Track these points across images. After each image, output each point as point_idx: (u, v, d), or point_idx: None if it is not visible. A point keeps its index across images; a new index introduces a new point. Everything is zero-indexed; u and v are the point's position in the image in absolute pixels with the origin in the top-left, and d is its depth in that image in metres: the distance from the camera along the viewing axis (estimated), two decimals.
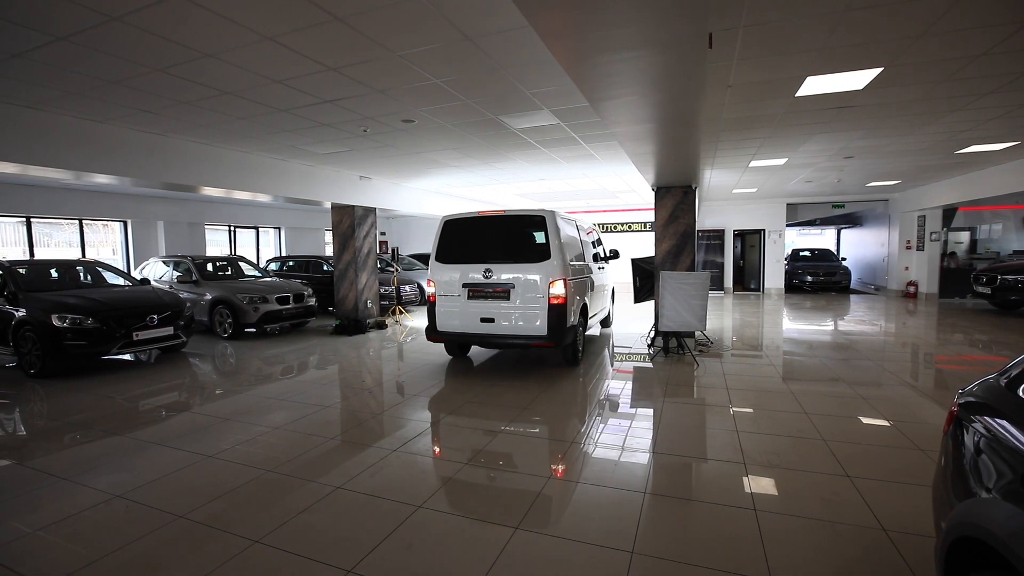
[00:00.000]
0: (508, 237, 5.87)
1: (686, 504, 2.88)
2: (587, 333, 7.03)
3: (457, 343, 6.57)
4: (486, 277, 5.70)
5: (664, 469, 3.35)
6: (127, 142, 7.04)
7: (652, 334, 7.68)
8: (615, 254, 8.56)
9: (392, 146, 8.01)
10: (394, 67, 4.73)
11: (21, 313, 6.10)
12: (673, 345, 7.15)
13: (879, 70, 4.61)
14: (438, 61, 4.60)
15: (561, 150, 8.52)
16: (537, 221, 5.73)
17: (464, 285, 5.84)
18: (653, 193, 8.10)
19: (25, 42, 4.17)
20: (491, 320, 5.68)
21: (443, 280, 5.99)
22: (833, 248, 21.33)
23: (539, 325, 5.48)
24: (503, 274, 5.65)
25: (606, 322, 9.01)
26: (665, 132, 4.89)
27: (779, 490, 3.01)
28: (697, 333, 7.62)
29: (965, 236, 15.49)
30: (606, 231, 18.88)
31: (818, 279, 16.49)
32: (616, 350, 7.37)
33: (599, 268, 7.60)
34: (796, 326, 9.80)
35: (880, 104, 5.73)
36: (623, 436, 3.94)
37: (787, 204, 16.06)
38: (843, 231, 21.77)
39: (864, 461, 3.38)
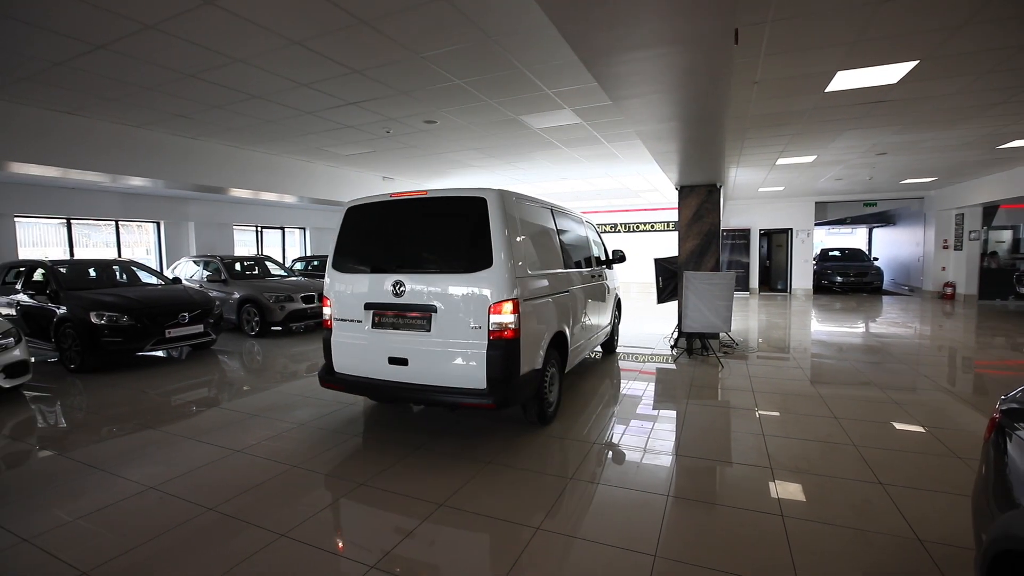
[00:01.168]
0: (432, 233, 3.91)
1: (710, 508, 2.83)
2: (582, 359, 5.35)
3: (360, 393, 4.13)
4: (397, 294, 3.75)
5: (687, 472, 3.29)
6: (161, 146, 7.27)
7: (675, 335, 7.58)
8: (620, 256, 6.53)
9: (415, 147, 8.09)
10: (417, 68, 4.78)
11: (62, 311, 6.37)
12: (697, 346, 7.04)
13: (915, 63, 4.45)
14: (461, 62, 4.62)
15: (583, 149, 8.48)
16: (476, 206, 3.62)
17: (367, 306, 3.89)
18: (677, 192, 7.99)
19: (66, 51, 4.34)
20: (403, 362, 3.71)
21: (341, 297, 4.04)
22: (864, 248, 20.70)
23: (474, 373, 3.49)
24: (420, 289, 3.69)
25: (609, 345, 6.85)
26: (689, 130, 4.82)
27: (807, 496, 2.93)
28: (722, 334, 7.49)
29: (1007, 235, 14.84)
30: (628, 231, 18.71)
31: (848, 279, 16.01)
32: (638, 351, 7.28)
33: (594, 276, 5.62)
34: (825, 328, 9.53)
35: (916, 98, 5.54)
36: (645, 439, 3.90)
37: (816, 202, 15.66)
38: (875, 230, 21.10)
39: (898, 468, 3.27)
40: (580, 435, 3.96)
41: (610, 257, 6.48)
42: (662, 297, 7.92)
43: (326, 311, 4.14)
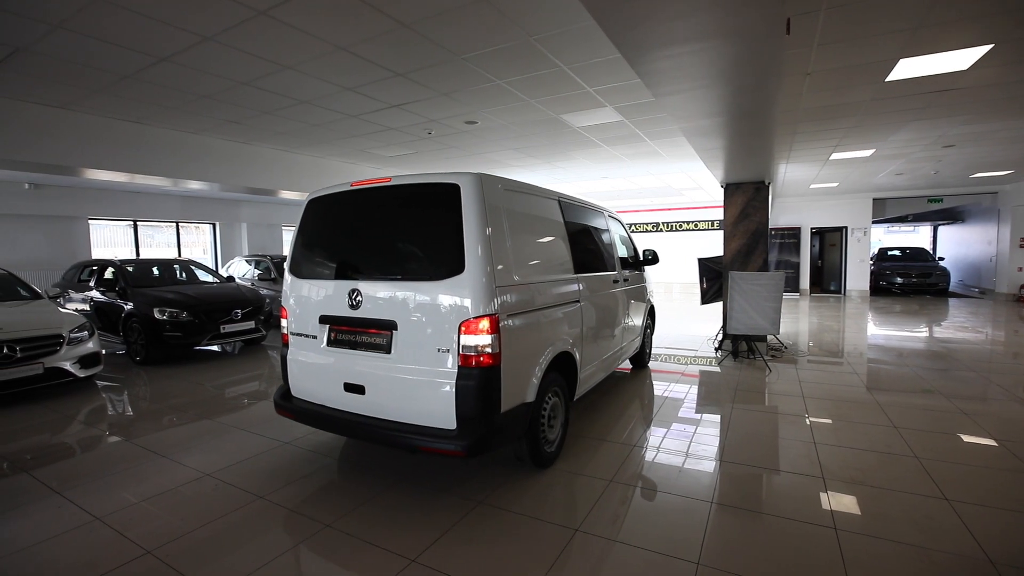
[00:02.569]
0: (395, 230, 3.19)
1: (756, 517, 2.72)
2: (600, 380, 4.48)
3: (312, 424, 3.36)
4: (353, 305, 3.11)
5: (732, 479, 3.18)
6: (216, 151, 7.66)
7: (720, 337, 7.35)
8: (652, 257, 5.56)
9: (456, 147, 8.19)
10: (458, 70, 4.83)
11: (129, 306, 6.83)
12: (743, 349, 6.80)
13: (988, 47, 4.13)
14: (501, 62, 4.64)
15: (624, 147, 8.36)
16: (447, 196, 2.91)
17: (322, 319, 3.28)
18: (722, 190, 7.73)
19: (134, 64, 4.64)
20: (359, 390, 3.07)
21: (297, 306, 3.45)
22: (928, 247, 19.39)
23: (441, 409, 2.80)
24: (379, 301, 3.03)
25: (640, 358, 5.97)
26: (736, 126, 4.65)
27: (863, 509, 2.78)
28: (770, 337, 7.20)
29: None
30: (671, 230, 18.28)
31: (910, 281, 15.04)
32: (680, 353, 7.10)
33: (618, 281, 4.78)
34: (883, 331, 9.00)
35: (989, 85, 5.14)
36: (687, 443, 3.80)
37: (873, 199, 14.80)
38: (940, 228, 19.74)
39: (965, 483, 3.05)
40: (588, 486, 3.04)
41: (641, 258, 5.60)
42: (706, 298, 7.70)
43: (283, 323, 3.54)
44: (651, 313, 6.21)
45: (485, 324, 2.74)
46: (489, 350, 2.75)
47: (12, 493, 3.09)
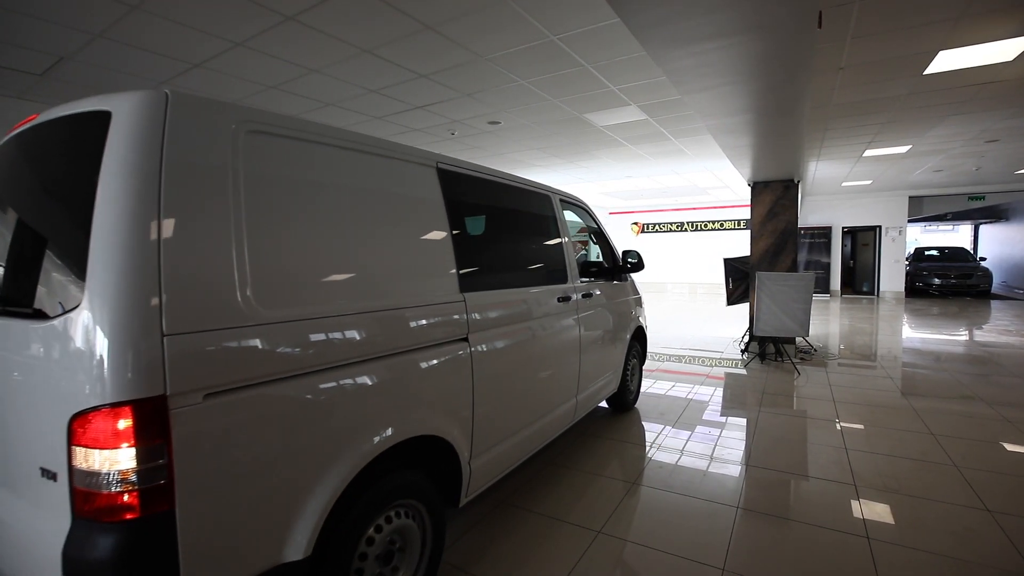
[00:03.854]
0: (17, 212, 1.63)
1: (784, 523, 2.65)
2: (598, 404, 3.66)
3: None
4: None
5: (758, 484, 3.11)
6: None
7: (746, 339, 7.20)
8: (636, 263, 3.99)
9: (479, 148, 8.23)
10: (481, 70, 4.85)
11: None
12: (770, 351, 6.65)
13: None
14: (524, 62, 4.65)
15: (648, 146, 8.26)
16: (87, 142, 1.36)
17: None
18: (749, 189, 7.57)
19: (169, 70, 4.81)
20: None
21: None
22: (968, 247, 18.62)
23: None
24: None
25: (620, 400, 4.29)
26: (764, 123, 4.55)
27: (897, 518, 2.68)
28: (798, 339, 7.02)
29: None
30: (696, 229, 17.98)
31: (948, 282, 14.45)
32: (704, 355, 6.98)
33: (569, 299, 3.15)
34: (918, 334, 8.67)
35: None
36: (712, 446, 3.73)
37: (909, 197, 14.26)
38: (982, 227, 18.94)
39: (1009, 494, 2.91)
40: None
41: (620, 263, 4.01)
42: (732, 299, 7.55)
43: None
44: (639, 336, 4.48)
45: (125, 423, 1.19)
46: (135, 480, 1.21)
47: None
